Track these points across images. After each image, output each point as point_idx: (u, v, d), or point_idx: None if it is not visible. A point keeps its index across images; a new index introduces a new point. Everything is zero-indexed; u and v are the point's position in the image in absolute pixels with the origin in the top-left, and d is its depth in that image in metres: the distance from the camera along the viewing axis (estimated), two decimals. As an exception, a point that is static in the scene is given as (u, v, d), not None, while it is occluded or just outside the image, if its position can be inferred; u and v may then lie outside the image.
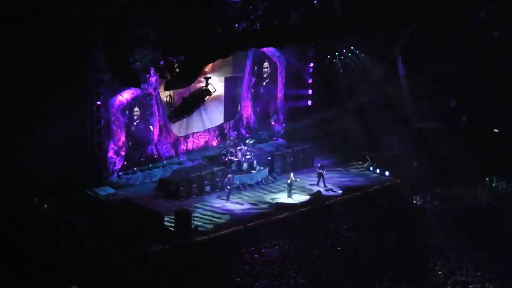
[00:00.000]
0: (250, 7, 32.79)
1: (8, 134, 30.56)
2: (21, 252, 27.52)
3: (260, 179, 37.68)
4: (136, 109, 36.20)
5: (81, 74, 32.52)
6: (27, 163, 30.80)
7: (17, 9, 29.03)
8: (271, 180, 37.96)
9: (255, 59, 41.20)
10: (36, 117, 31.11)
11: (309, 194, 35.99)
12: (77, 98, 33.00)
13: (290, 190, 35.78)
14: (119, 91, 34.93)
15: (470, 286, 28.26)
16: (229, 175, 35.57)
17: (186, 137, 39.15)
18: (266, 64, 41.96)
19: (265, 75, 42.21)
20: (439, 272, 29.41)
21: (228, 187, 35.11)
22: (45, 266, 27.06)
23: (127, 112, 35.88)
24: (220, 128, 40.72)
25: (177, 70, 32.62)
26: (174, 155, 38.35)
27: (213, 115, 40.19)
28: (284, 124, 43.29)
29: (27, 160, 30.78)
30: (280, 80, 42.64)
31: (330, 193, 36.44)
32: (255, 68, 41.59)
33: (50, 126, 31.70)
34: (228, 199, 35.10)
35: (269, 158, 39.20)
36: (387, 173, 38.83)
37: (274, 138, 42.91)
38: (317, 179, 37.42)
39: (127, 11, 29.45)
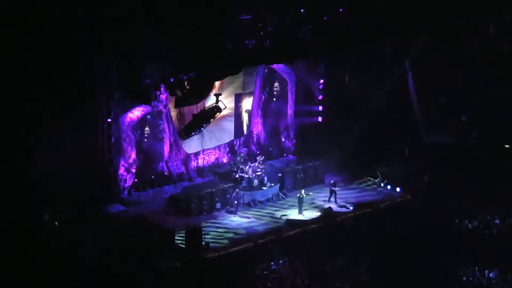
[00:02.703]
0: (260, 24, 32.92)
1: (18, 151, 30.60)
2: (31, 269, 27.49)
3: (270, 196, 37.60)
4: (146, 128, 36.28)
5: (92, 92, 32.59)
6: (38, 180, 30.83)
7: (29, 30, 29.18)
8: (282, 197, 37.89)
9: (265, 75, 41.26)
10: (46, 135, 31.17)
11: (320, 211, 35.90)
12: (87, 115, 33.06)
13: (301, 206, 35.70)
14: (129, 108, 35.02)
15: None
16: (237, 190, 35.56)
17: (196, 154, 39.17)
18: (276, 84, 42.05)
19: (275, 92, 42.25)
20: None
21: (236, 201, 35.02)
22: (55, 283, 27.02)
23: (137, 129, 35.96)
24: (230, 145, 40.73)
25: (188, 87, 32.73)
26: (184, 172, 38.35)
27: (223, 132, 40.22)
28: (295, 141, 43.24)
29: (37, 177, 30.82)
30: (290, 97, 42.62)
31: (342, 209, 36.33)
32: (265, 84, 41.63)
33: (60, 143, 31.77)
34: (236, 213, 35.01)
35: (280, 174, 39.13)
36: (398, 189, 38.68)
37: (285, 154, 42.83)
38: (328, 195, 37.33)
39: (138, 29, 29.59)
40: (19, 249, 28.36)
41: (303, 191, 36.06)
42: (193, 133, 37.52)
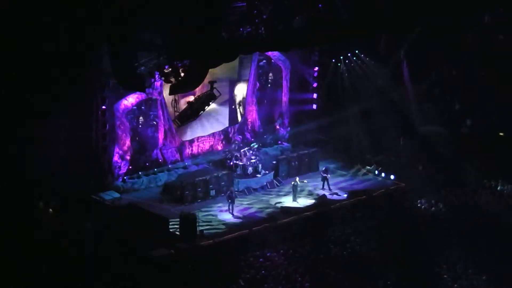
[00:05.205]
0: (255, 11, 32.82)
1: (12, 138, 30.57)
2: (25, 256, 27.54)
3: (265, 183, 37.65)
4: (141, 115, 36.28)
5: (86, 79, 32.54)
6: (33, 168, 30.83)
7: (21, 12, 29.04)
8: (276, 184, 37.95)
9: (260, 63, 41.23)
10: (41, 122, 31.14)
11: (314, 198, 35.98)
12: (82, 102, 33.05)
13: (295, 194, 35.77)
14: (124, 95, 34.97)
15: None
16: (231, 188, 35.35)
17: (191, 141, 39.15)
18: (270, 71, 42.04)
19: (269, 80, 42.25)
20: (445, 276, 29.36)
21: (229, 200, 34.72)
22: (48, 270, 27.07)
23: (132, 116, 35.94)
24: (225, 132, 40.72)
25: (182, 74, 32.68)
26: (179, 159, 38.36)
27: (218, 119, 40.21)
28: (289, 128, 43.26)
29: (32, 165, 30.81)
30: (285, 84, 42.59)
31: (335, 197, 36.42)
32: (260, 72, 41.60)
33: (55, 131, 31.75)
34: (231, 212, 34.51)
35: (274, 162, 39.18)
36: (392, 176, 38.76)
37: (279, 142, 42.86)
38: (321, 182, 37.40)
39: (132, 16, 29.50)
40: (12, 236, 28.38)
41: (297, 179, 36.14)
42: (188, 120, 37.47)
